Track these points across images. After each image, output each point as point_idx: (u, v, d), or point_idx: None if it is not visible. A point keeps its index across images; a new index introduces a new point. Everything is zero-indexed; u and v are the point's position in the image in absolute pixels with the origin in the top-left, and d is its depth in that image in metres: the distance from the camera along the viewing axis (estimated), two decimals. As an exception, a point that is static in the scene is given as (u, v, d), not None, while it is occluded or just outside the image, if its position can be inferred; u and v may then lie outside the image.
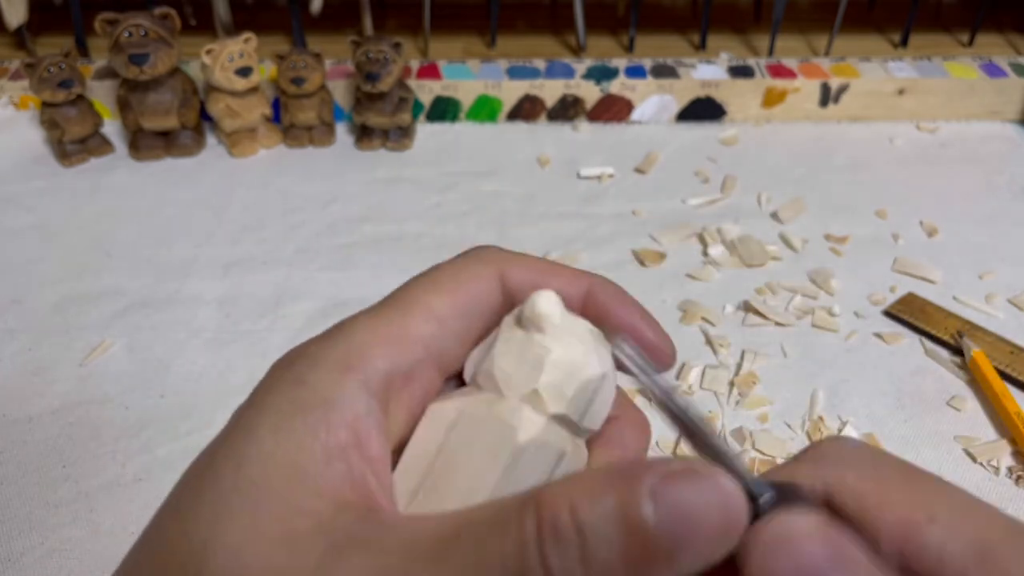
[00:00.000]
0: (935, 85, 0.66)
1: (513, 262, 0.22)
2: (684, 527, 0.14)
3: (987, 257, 0.53)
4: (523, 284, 0.21)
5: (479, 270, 0.21)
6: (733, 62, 0.69)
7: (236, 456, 0.17)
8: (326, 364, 0.18)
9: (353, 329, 0.19)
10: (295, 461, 0.17)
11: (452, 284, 0.21)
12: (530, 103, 0.67)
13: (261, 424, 0.17)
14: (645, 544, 0.14)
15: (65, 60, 0.60)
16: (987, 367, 0.43)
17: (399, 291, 0.21)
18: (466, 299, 0.21)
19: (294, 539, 0.16)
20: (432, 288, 0.21)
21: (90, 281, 0.52)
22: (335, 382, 0.18)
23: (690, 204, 0.58)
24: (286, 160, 0.64)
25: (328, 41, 0.73)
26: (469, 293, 0.21)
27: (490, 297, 0.21)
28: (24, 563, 0.36)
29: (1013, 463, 0.40)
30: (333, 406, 0.18)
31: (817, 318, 0.48)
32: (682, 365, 0.45)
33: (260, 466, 0.17)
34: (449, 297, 0.20)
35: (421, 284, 0.21)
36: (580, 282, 0.22)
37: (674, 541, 0.14)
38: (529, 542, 0.15)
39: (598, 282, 0.22)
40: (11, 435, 0.42)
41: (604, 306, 0.21)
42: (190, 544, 0.16)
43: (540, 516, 0.15)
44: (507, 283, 0.21)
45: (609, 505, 0.15)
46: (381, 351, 0.19)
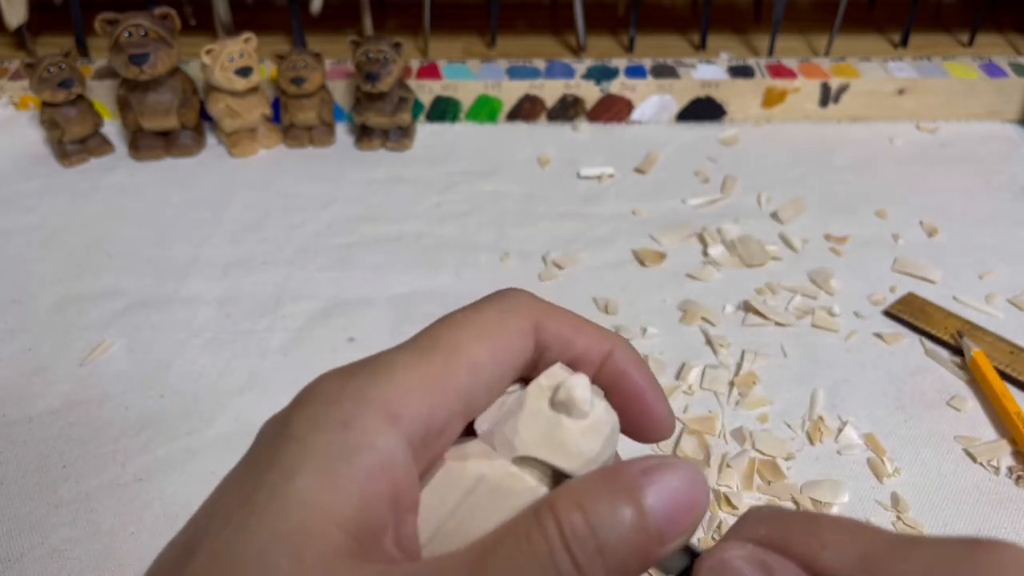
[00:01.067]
0: (935, 85, 0.66)
1: (548, 315, 0.22)
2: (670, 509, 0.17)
3: (987, 257, 0.53)
4: (553, 340, 0.22)
5: (518, 323, 0.21)
6: (733, 62, 0.69)
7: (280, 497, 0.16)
8: (372, 408, 0.18)
9: (397, 369, 0.19)
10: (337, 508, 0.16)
11: (492, 333, 0.21)
12: (530, 103, 0.67)
13: (305, 465, 0.17)
14: (642, 529, 0.17)
15: (65, 60, 0.60)
16: (987, 367, 0.43)
17: (440, 330, 0.20)
18: (505, 352, 0.21)
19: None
20: (475, 337, 0.20)
21: (90, 281, 0.52)
22: (380, 430, 0.18)
23: (690, 204, 0.58)
24: (286, 160, 0.64)
25: (328, 41, 0.73)
26: (508, 346, 0.21)
27: (524, 350, 0.21)
28: (24, 563, 0.36)
29: (1013, 463, 0.40)
30: (376, 453, 0.17)
31: (817, 318, 0.48)
32: (682, 365, 0.45)
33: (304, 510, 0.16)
34: (489, 348, 0.20)
35: (463, 329, 0.20)
36: (605, 343, 0.22)
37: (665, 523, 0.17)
38: (556, 545, 0.17)
39: (620, 345, 0.22)
40: (11, 435, 0.42)
41: (622, 371, 0.22)
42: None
43: (558, 519, 0.17)
44: (540, 334, 0.22)
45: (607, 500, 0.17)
46: (424, 401, 0.19)
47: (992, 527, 0.37)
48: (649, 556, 0.17)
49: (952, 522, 0.37)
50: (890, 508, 0.38)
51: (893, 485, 0.39)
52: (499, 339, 0.21)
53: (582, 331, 0.22)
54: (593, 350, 0.22)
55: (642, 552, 0.17)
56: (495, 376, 0.20)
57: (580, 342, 0.22)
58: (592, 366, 0.22)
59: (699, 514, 0.18)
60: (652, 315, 0.49)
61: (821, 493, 0.38)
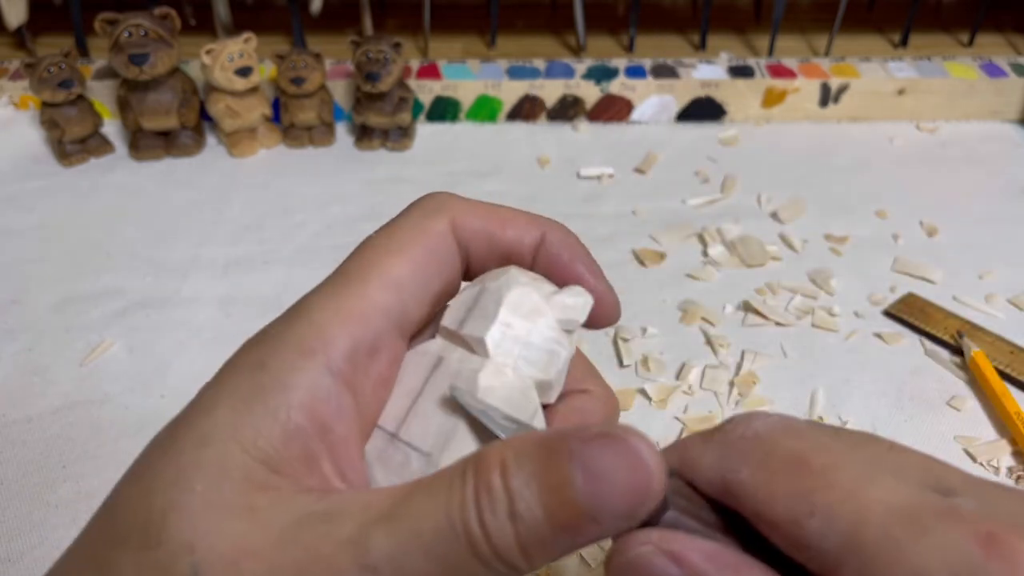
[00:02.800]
0: (935, 85, 0.66)
1: (466, 211, 0.22)
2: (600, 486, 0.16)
3: (987, 257, 0.53)
4: (476, 233, 0.22)
5: (432, 225, 0.21)
6: (733, 62, 0.69)
7: (197, 433, 0.18)
8: (286, 347, 0.19)
9: (311, 308, 0.20)
10: (253, 441, 0.17)
11: (408, 244, 0.21)
12: (530, 103, 0.67)
13: (220, 404, 0.18)
14: (565, 503, 0.16)
15: (65, 60, 0.60)
16: (987, 367, 0.43)
17: (354, 257, 0.21)
18: (424, 258, 0.21)
19: (255, 511, 0.16)
20: (388, 251, 0.21)
21: (90, 281, 0.52)
22: (294, 366, 0.18)
23: (690, 204, 0.58)
24: (286, 160, 0.64)
25: (328, 41, 0.73)
26: (426, 251, 0.21)
27: (446, 251, 0.21)
28: (24, 563, 0.36)
29: (1013, 463, 0.40)
30: (292, 390, 0.18)
31: (817, 318, 0.48)
32: (682, 365, 0.45)
33: (220, 444, 0.17)
34: (406, 259, 0.20)
35: (376, 248, 0.21)
36: (533, 230, 0.22)
37: (594, 500, 0.16)
38: (468, 501, 0.16)
39: (551, 230, 0.22)
40: (11, 435, 0.42)
41: (556, 256, 0.22)
42: (150, 512, 0.17)
43: (478, 476, 0.16)
44: (459, 233, 0.22)
45: (531, 467, 0.16)
46: (342, 330, 0.19)
47: (992, 527, 0.37)
48: (577, 535, 0.16)
49: (952, 522, 0.37)
50: (890, 508, 0.38)
51: (893, 485, 0.39)
52: (416, 249, 0.21)
53: (507, 222, 0.22)
54: (524, 240, 0.22)
55: (568, 529, 0.16)
56: (419, 284, 0.21)
57: (507, 234, 0.22)
58: (525, 257, 0.22)
59: (642, 495, 0.16)
60: (652, 315, 0.49)
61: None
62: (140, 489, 0.17)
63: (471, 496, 0.16)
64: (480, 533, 0.16)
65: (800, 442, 0.17)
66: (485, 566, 0.16)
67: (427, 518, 0.16)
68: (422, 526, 0.16)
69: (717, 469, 0.18)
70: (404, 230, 0.21)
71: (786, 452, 0.17)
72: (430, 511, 0.16)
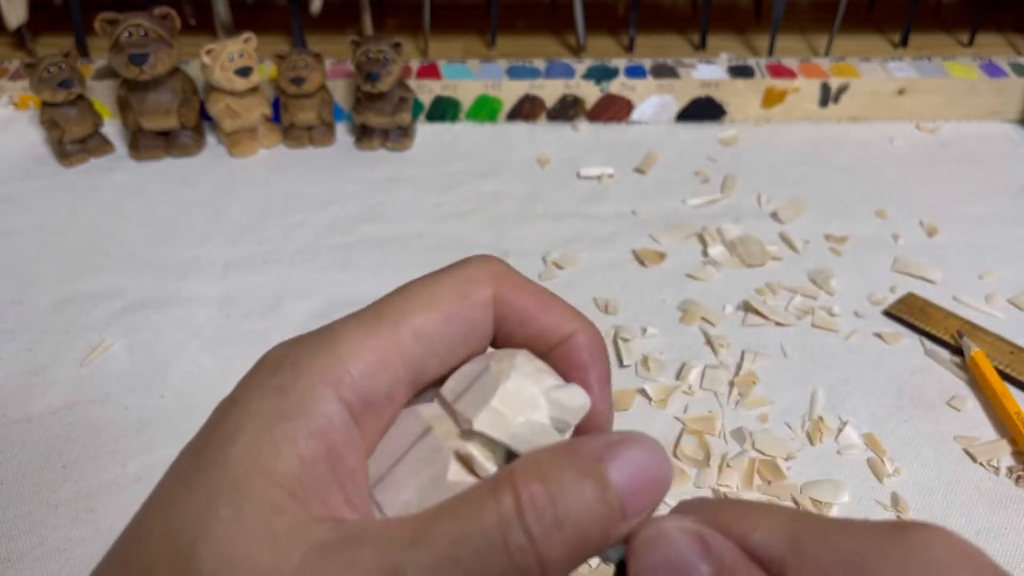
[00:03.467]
0: (935, 85, 0.66)
1: (510, 286, 0.22)
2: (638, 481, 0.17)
3: (987, 257, 0.53)
4: (514, 312, 0.22)
5: (477, 292, 0.21)
6: (733, 62, 0.69)
7: (221, 458, 0.17)
8: (309, 374, 0.19)
9: (339, 338, 0.19)
10: (274, 466, 0.17)
11: (448, 304, 0.21)
12: (530, 103, 0.67)
13: (244, 429, 0.18)
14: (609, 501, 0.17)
15: (65, 60, 0.60)
16: (987, 367, 0.43)
17: (392, 299, 0.21)
18: (459, 323, 0.21)
19: (275, 537, 0.16)
20: (425, 306, 0.20)
21: (90, 281, 0.52)
22: (315, 394, 0.18)
23: (690, 204, 0.58)
24: (286, 160, 0.64)
25: (328, 41, 0.73)
26: (463, 317, 0.21)
27: (481, 321, 0.21)
28: (24, 563, 0.36)
29: (1013, 463, 0.40)
30: (311, 417, 0.18)
31: (817, 318, 0.48)
32: (682, 365, 0.45)
33: (243, 468, 0.17)
34: (440, 318, 0.20)
35: (415, 297, 0.21)
36: (568, 325, 0.22)
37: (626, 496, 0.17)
38: (509, 513, 0.16)
39: (584, 330, 0.22)
40: (11, 435, 0.42)
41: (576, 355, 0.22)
42: (178, 543, 0.17)
43: (517, 491, 0.16)
44: (499, 306, 0.22)
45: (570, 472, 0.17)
46: (365, 370, 0.19)
47: (992, 527, 0.37)
48: (611, 531, 0.17)
49: (952, 522, 0.37)
50: (890, 508, 0.38)
51: (893, 485, 0.39)
52: (452, 308, 0.21)
53: (547, 308, 0.22)
54: (556, 329, 0.22)
55: (605, 526, 0.17)
56: (447, 346, 0.21)
57: (543, 319, 0.22)
58: (549, 345, 0.22)
59: (663, 489, 0.18)
60: (652, 315, 0.49)
61: (821, 493, 0.38)
62: (168, 519, 0.17)
63: (511, 508, 0.16)
64: (526, 543, 0.16)
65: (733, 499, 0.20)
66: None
67: (461, 539, 0.16)
68: (457, 547, 0.16)
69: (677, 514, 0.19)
70: (448, 288, 0.21)
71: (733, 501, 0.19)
72: (463, 531, 0.16)
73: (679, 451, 0.41)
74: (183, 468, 0.18)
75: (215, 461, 0.17)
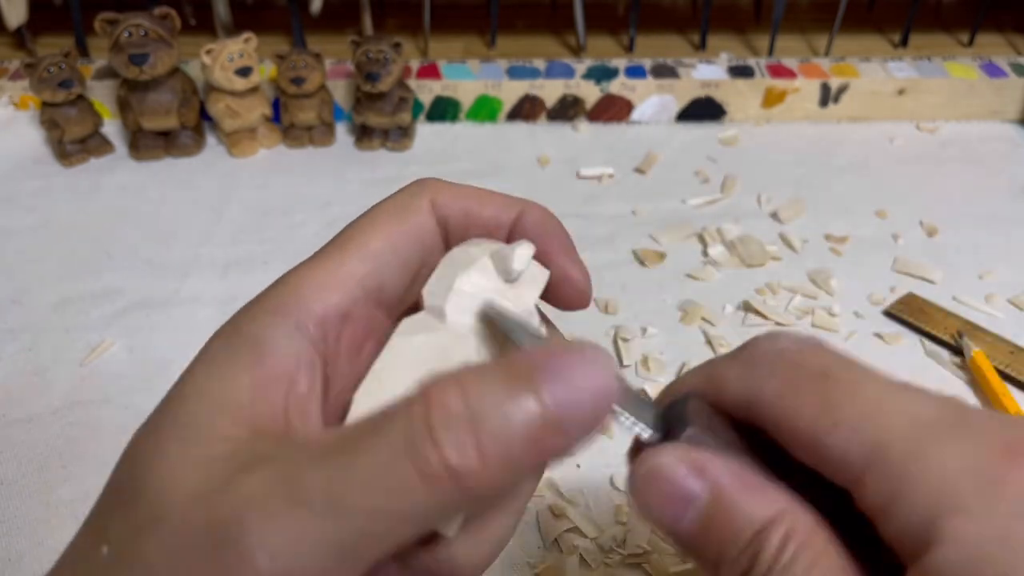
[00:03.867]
0: (935, 85, 0.66)
1: (447, 191, 0.23)
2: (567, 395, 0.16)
3: (987, 257, 0.53)
4: (455, 213, 0.23)
5: (413, 203, 0.23)
6: (733, 62, 0.69)
7: (177, 398, 0.19)
8: (261, 311, 0.20)
9: (290, 275, 0.21)
10: (223, 396, 0.18)
11: (388, 221, 0.22)
12: (530, 103, 0.67)
13: (198, 367, 0.19)
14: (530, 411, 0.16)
15: (65, 60, 0.60)
16: (987, 367, 0.43)
17: (338, 234, 0.22)
18: (402, 234, 0.22)
19: (210, 462, 0.17)
20: (367, 227, 0.22)
21: (90, 281, 0.52)
22: (266, 325, 0.19)
23: (690, 204, 0.58)
24: (286, 160, 0.64)
25: (328, 41, 0.73)
26: (404, 227, 0.22)
27: (424, 227, 0.23)
28: (24, 563, 0.36)
29: (1013, 463, 0.40)
30: (262, 346, 0.19)
31: (817, 318, 0.48)
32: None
33: (193, 402, 0.18)
34: (385, 234, 0.22)
35: (358, 224, 0.22)
36: (511, 210, 0.23)
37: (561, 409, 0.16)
38: (416, 419, 0.16)
39: (528, 211, 0.23)
40: (11, 435, 0.42)
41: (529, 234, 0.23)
42: (134, 472, 0.18)
43: (428, 401, 0.16)
44: (439, 211, 0.23)
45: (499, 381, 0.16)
46: (314, 294, 0.20)
47: (992, 527, 0.37)
48: (546, 448, 0.16)
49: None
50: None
51: (893, 485, 0.39)
52: (393, 223, 0.22)
53: (485, 201, 0.23)
54: (500, 218, 0.23)
55: (536, 440, 0.16)
56: (397, 258, 0.22)
57: (485, 212, 0.23)
58: (501, 235, 0.23)
59: (604, 403, 0.16)
60: (652, 315, 0.49)
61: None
62: (129, 458, 0.19)
63: (419, 415, 0.16)
64: (431, 449, 0.15)
65: (824, 358, 0.18)
66: (434, 491, 0.15)
67: (367, 448, 0.16)
68: (361, 456, 0.16)
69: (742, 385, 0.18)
70: (386, 209, 0.23)
71: (811, 367, 0.17)
72: (371, 441, 0.16)
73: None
74: (152, 415, 0.19)
75: (172, 402, 0.19)
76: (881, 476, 0.15)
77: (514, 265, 0.21)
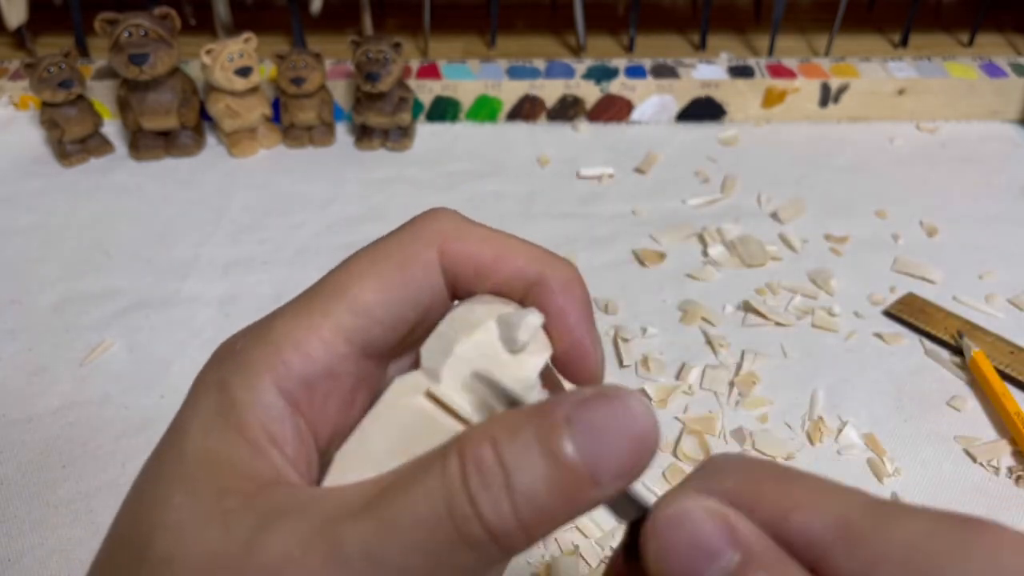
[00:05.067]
0: (935, 85, 0.66)
1: (458, 239, 0.21)
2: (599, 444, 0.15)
3: (987, 257, 0.53)
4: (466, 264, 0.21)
5: (419, 251, 0.20)
6: (733, 62, 0.69)
7: (176, 451, 0.18)
8: (247, 366, 0.19)
9: (275, 325, 0.20)
10: (226, 454, 0.18)
11: (388, 269, 0.20)
12: (530, 103, 0.67)
13: (193, 424, 0.18)
14: (565, 466, 0.15)
15: (65, 60, 0.60)
16: (987, 367, 0.43)
17: (332, 274, 0.20)
18: (401, 286, 0.20)
19: (226, 516, 0.17)
20: (361, 276, 0.20)
21: (90, 281, 0.52)
22: (250, 386, 0.19)
23: (690, 204, 0.58)
24: (286, 160, 0.64)
25: (328, 41, 0.73)
26: (405, 279, 0.20)
27: (427, 279, 0.20)
28: (24, 563, 0.36)
29: (1013, 463, 0.40)
30: (248, 409, 0.18)
31: (817, 318, 0.48)
32: (682, 365, 0.45)
33: (195, 458, 0.18)
34: (381, 285, 0.20)
35: (351, 270, 0.20)
36: (530, 269, 0.21)
37: (593, 459, 0.15)
38: (454, 479, 0.15)
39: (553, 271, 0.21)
40: (11, 435, 0.42)
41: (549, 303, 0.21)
42: (139, 529, 0.17)
43: (463, 456, 0.16)
44: (447, 260, 0.21)
45: (529, 435, 0.15)
46: (296, 353, 0.19)
47: (992, 527, 0.37)
48: (579, 499, 0.16)
49: (952, 522, 0.37)
50: (890, 508, 0.38)
51: (893, 485, 0.39)
52: (392, 275, 0.20)
53: (501, 258, 0.21)
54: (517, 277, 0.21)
55: (567, 495, 0.15)
56: (391, 313, 0.20)
57: (502, 268, 0.21)
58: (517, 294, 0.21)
59: (641, 452, 0.16)
60: (652, 315, 0.49)
61: (821, 493, 0.38)
62: (130, 513, 0.18)
63: (456, 474, 0.15)
64: (470, 512, 0.15)
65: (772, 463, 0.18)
66: (474, 550, 0.15)
67: (405, 505, 0.16)
68: (399, 514, 0.15)
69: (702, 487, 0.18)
70: (389, 252, 0.20)
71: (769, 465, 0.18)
72: (408, 498, 0.16)
73: (679, 451, 0.41)
74: (148, 466, 0.19)
75: (172, 457, 0.18)
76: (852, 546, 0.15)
77: (519, 336, 0.20)
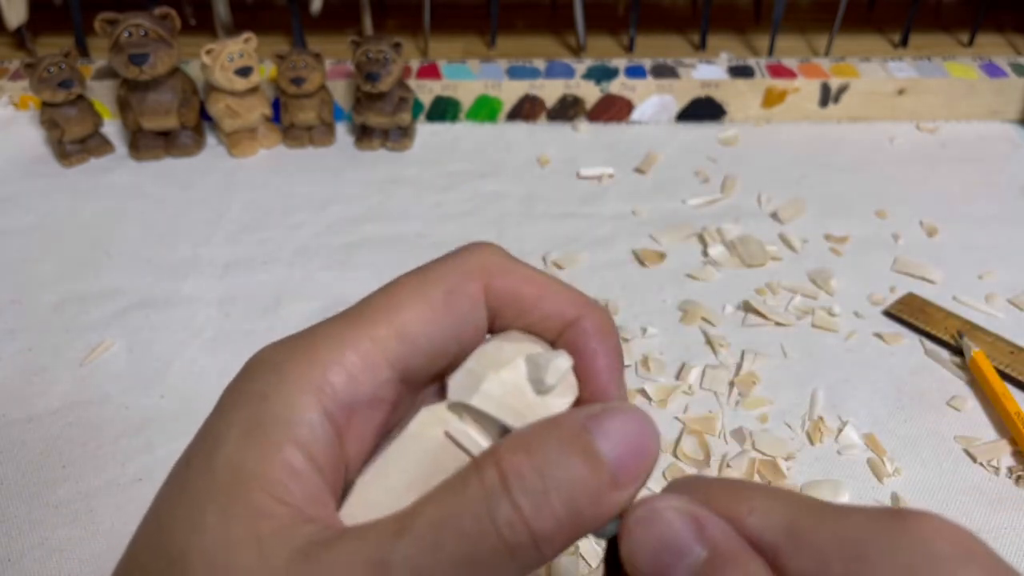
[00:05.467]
0: (935, 85, 0.66)
1: (503, 275, 0.21)
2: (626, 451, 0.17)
3: (987, 257, 0.53)
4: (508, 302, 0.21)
5: (463, 284, 0.21)
6: (733, 62, 0.69)
7: (208, 466, 0.17)
8: (290, 382, 0.18)
9: (320, 343, 0.19)
10: (261, 471, 0.17)
11: (432, 300, 0.20)
12: (530, 103, 0.67)
13: (229, 436, 0.18)
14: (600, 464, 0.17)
15: (65, 60, 0.60)
16: (987, 367, 0.43)
17: (378, 297, 0.20)
18: (446, 320, 0.20)
19: (261, 540, 0.16)
20: (410, 303, 0.20)
21: (90, 281, 0.52)
22: (295, 403, 0.18)
23: (690, 204, 0.58)
24: (286, 160, 0.64)
25: (328, 41, 0.73)
26: (451, 313, 0.20)
27: (471, 314, 0.21)
28: (24, 563, 0.36)
29: (1013, 463, 0.40)
30: (291, 427, 0.18)
31: (817, 318, 0.48)
32: (682, 365, 0.45)
33: (229, 474, 0.17)
34: (426, 315, 0.20)
35: (400, 294, 0.20)
36: (569, 311, 0.21)
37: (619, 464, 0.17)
38: (495, 488, 0.16)
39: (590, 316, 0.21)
40: (11, 435, 0.42)
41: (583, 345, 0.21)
42: (170, 553, 0.17)
43: (500, 465, 0.16)
44: (491, 297, 0.21)
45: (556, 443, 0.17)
46: (342, 376, 0.19)
47: (992, 527, 0.37)
48: (603, 501, 0.17)
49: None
50: (890, 508, 0.38)
51: (893, 485, 0.39)
52: (438, 305, 0.20)
53: (544, 295, 0.21)
54: (556, 317, 0.21)
55: (595, 496, 0.16)
56: (434, 343, 0.20)
57: (542, 307, 0.21)
58: (552, 333, 0.21)
59: (651, 459, 0.17)
60: (652, 315, 0.49)
61: (821, 493, 0.38)
62: (159, 531, 0.17)
63: (496, 483, 0.16)
64: (514, 516, 0.16)
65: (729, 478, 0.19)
66: (515, 558, 0.16)
67: (446, 522, 0.16)
68: (442, 531, 0.16)
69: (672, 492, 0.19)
70: (435, 282, 0.20)
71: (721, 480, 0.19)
72: (448, 514, 0.16)
73: (679, 451, 0.41)
74: (176, 477, 0.18)
75: (203, 469, 0.17)
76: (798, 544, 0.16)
77: (547, 378, 0.20)
